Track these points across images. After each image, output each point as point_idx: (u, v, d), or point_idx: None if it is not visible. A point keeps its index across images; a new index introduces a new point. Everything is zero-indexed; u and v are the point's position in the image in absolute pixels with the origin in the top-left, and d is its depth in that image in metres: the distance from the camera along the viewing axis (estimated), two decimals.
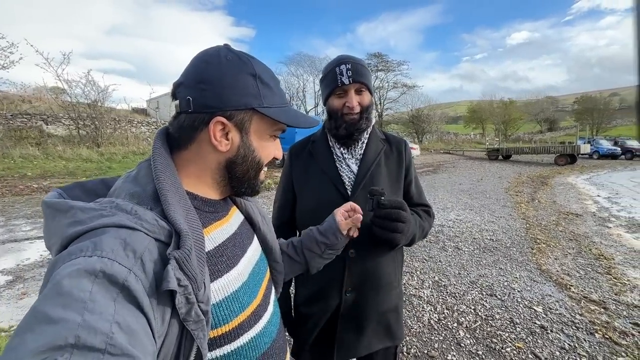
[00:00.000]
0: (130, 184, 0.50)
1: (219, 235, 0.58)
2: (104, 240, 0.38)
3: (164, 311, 0.41)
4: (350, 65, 1.00)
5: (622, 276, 3.61)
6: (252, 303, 0.58)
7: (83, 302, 0.33)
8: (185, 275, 0.42)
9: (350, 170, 1.08)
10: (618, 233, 5.42)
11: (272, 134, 0.60)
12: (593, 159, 23.72)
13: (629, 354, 2.24)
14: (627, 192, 9.72)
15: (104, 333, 0.32)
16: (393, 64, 30.17)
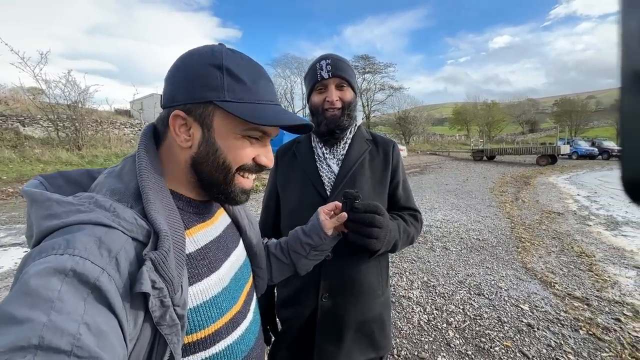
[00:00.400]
0: (113, 179, 0.48)
1: (203, 237, 0.56)
2: (78, 238, 0.37)
3: (137, 314, 0.39)
4: (330, 60, 0.99)
5: (603, 273, 3.71)
6: (231, 309, 0.56)
7: (50, 302, 0.31)
8: (161, 277, 0.40)
9: (331, 170, 1.04)
10: (598, 231, 5.59)
11: (242, 133, 0.52)
12: (572, 159, 24.59)
13: (612, 350, 2.29)
14: (605, 191, 10.08)
15: (70, 334, 0.31)
16: (380, 66, 30.52)
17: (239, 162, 0.53)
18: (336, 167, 1.05)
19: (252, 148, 0.54)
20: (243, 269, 0.65)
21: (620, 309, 2.89)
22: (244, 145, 0.53)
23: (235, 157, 0.52)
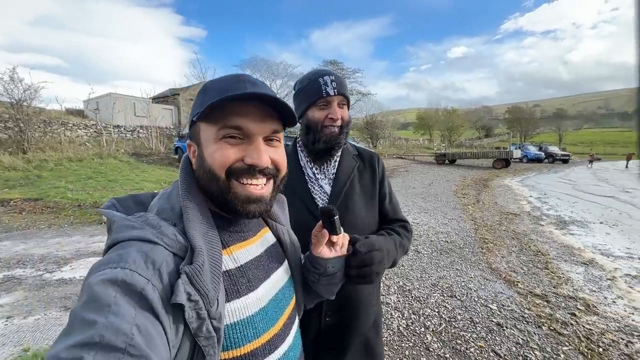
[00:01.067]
0: (163, 200, 0.55)
1: (242, 255, 0.57)
2: (129, 253, 0.43)
3: (178, 323, 0.43)
4: (334, 77, 0.98)
5: (557, 270, 4.05)
6: (268, 331, 0.56)
7: (108, 306, 0.37)
8: (196, 290, 0.43)
9: (323, 191, 1.02)
10: (550, 230, 6.11)
11: (217, 137, 0.52)
12: (523, 163, 26.71)
13: (571, 343, 2.50)
14: (553, 193, 11.06)
15: (125, 334, 0.36)
16: (348, 72, 31.06)
17: (221, 165, 0.52)
18: (328, 187, 1.03)
19: (235, 149, 0.53)
20: (285, 291, 0.64)
21: (574, 303, 3.17)
22: (222, 148, 0.52)
23: (215, 161, 0.52)
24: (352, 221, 1.00)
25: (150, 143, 16.07)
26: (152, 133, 16.68)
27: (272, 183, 0.58)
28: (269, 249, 0.65)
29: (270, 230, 0.69)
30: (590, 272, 4.02)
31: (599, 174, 18.42)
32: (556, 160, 28.33)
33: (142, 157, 13.86)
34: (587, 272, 4.04)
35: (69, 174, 8.97)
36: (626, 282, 3.76)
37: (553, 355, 2.34)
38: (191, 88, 23.84)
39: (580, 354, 2.37)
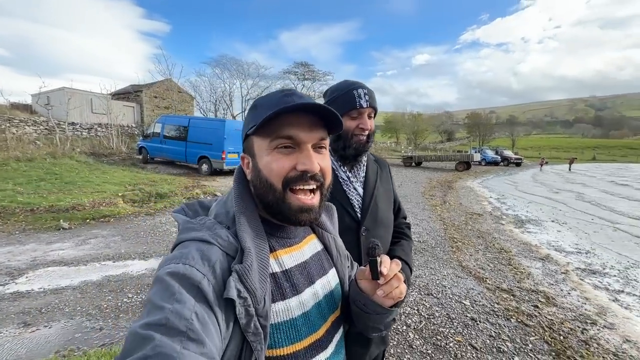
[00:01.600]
0: (220, 206, 0.61)
1: (288, 260, 0.61)
2: (190, 251, 0.49)
3: (229, 317, 0.47)
4: (367, 90, 1.07)
5: (519, 266, 4.40)
6: (310, 336, 0.58)
7: (173, 295, 0.42)
8: (245, 287, 0.47)
9: (357, 192, 1.11)
10: (510, 229, 6.60)
11: (270, 148, 0.56)
12: (482, 165, 28.50)
13: (536, 333, 2.73)
14: (510, 194, 11.94)
15: (186, 319, 0.41)
16: (319, 74, 31.31)
17: (277, 175, 0.56)
18: (360, 189, 1.12)
19: (288, 158, 0.56)
20: (329, 299, 0.65)
21: (536, 296, 3.46)
22: (276, 158, 0.56)
23: (271, 172, 0.56)
24: (380, 218, 1.12)
25: (110, 142, 15.04)
26: (112, 132, 15.62)
27: (319, 193, 0.60)
28: (315, 256, 0.67)
29: (317, 237, 0.71)
30: (547, 267, 4.40)
31: (546, 177, 20.20)
32: (510, 164, 30.61)
33: (101, 157, 12.93)
34: (545, 267, 4.42)
35: (17, 175, 8.13)
36: (577, 275, 4.18)
37: (522, 345, 2.55)
38: (155, 85, 22.65)
39: (545, 342, 2.59)
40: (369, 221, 1.07)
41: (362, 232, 1.06)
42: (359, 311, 0.64)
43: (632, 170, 30.00)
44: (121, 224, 5.73)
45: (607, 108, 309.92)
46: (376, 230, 1.09)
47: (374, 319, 0.63)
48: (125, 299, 3.04)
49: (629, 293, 3.72)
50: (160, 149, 13.10)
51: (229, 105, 27.30)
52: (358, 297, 0.63)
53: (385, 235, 1.15)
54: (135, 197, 7.30)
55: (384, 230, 1.13)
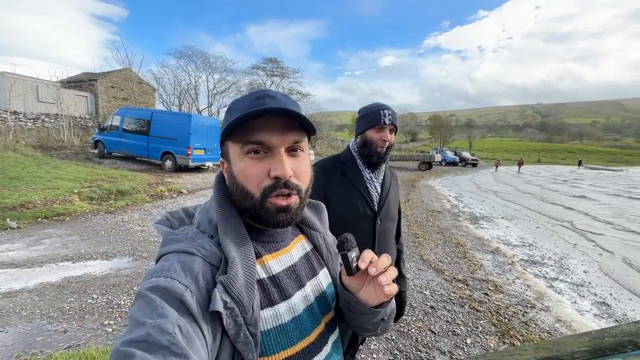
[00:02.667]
0: (202, 215, 0.60)
1: (275, 265, 0.59)
2: (171, 264, 0.48)
3: (215, 329, 0.47)
4: (391, 112, 1.34)
5: (473, 258, 4.83)
6: (302, 340, 0.57)
7: (155, 309, 0.42)
8: (231, 298, 0.47)
9: (376, 190, 1.39)
10: (466, 225, 7.16)
11: (242, 153, 0.55)
12: (442, 166, 30.18)
13: (486, 317, 3.07)
14: (466, 192, 12.85)
15: (168, 333, 0.40)
16: (288, 71, 31.14)
17: (252, 182, 0.54)
18: (379, 187, 1.40)
19: (261, 164, 0.54)
20: (321, 300, 0.64)
21: (487, 285, 3.85)
22: (249, 165, 0.54)
23: (246, 179, 0.55)
24: (390, 213, 1.41)
25: (61, 135, 13.86)
26: (63, 123, 14.40)
27: (297, 195, 0.57)
28: (304, 258, 0.66)
29: (306, 238, 0.70)
30: (497, 259, 4.89)
31: (499, 176, 21.90)
32: (467, 164, 32.75)
33: (50, 150, 11.91)
34: (494, 259, 4.90)
35: None
36: (521, 266, 4.69)
37: (473, 328, 2.86)
38: (112, 74, 21.14)
39: (492, 325, 2.93)
40: (383, 214, 1.36)
41: (377, 221, 1.35)
42: (345, 310, 0.62)
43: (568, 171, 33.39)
44: (78, 222, 5.40)
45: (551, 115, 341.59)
46: (386, 222, 1.39)
47: (360, 319, 0.60)
48: (90, 300, 2.93)
49: (562, 280, 4.27)
50: (119, 143, 12.33)
51: (194, 99, 26.27)
52: (343, 295, 0.61)
53: (392, 227, 1.45)
54: (93, 195, 6.87)
55: (392, 223, 1.44)
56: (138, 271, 3.60)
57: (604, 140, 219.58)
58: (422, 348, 2.54)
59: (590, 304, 3.61)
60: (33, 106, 15.96)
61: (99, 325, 2.55)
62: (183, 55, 25.94)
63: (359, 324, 0.62)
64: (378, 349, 2.51)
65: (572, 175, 27.00)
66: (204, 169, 12.86)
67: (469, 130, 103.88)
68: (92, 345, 2.30)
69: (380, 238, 1.36)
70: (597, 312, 3.44)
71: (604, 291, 3.99)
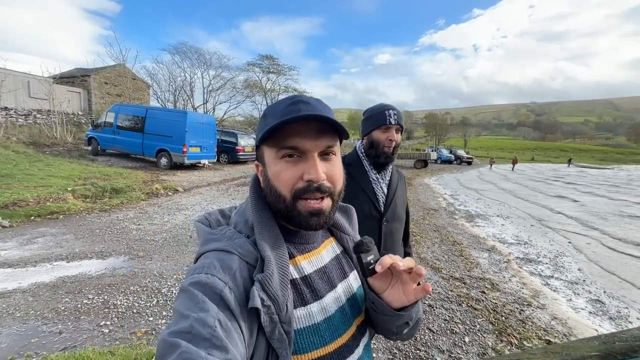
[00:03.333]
0: (239, 216, 0.63)
1: (307, 266, 0.61)
2: (211, 261, 0.51)
3: (252, 325, 0.49)
4: (396, 112, 1.33)
5: (470, 256, 4.86)
6: (335, 341, 0.58)
7: (197, 303, 0.45)
8: (267, 296, 0.49)
9: (383, 191, 1.38)
10: (462, 223, 7.20)
11: (277, 157, 0.57)
12: (437, 164, 30.34)
13: (483, 315, 3.10)
14: (462, 190, 12.93)
15: (210, 326, 0.42)
16: (284, 68, 31.00)
17: (285, 185, 0.56)
18: (385, 188, 1.39)
19: (295, 168, 0.56)
20: (353, 302, 0.64)
21: (483, 283, 3.88)
22: (283, 168, 0.57)
23: (279, 182, 0.57)
24: (397, 214, 1.41)
25: (54, 131, 13.64)
26: (55, 119, 14.17)
27: (329, 197, 0.59)
28: (334, 259, 0.67)
29: (336, 240, 0.71)
30: (493, 257, 4.92)
31: (494, 175, 22.08)
32: (463, 162, 32.94)
33: (43, 147, 11.70)
34: (490, 257, 4.94)
35: None
36: (517, 264, 4.73)
37: (471, 327, 2.88)
38: (106, 70, 20.85)
39: (490, 323, 2.95)
40: (389, 214, 1.36)
41: (383, 222, 1.35)
42: (371, 310, 0.63)
43: (564, 171, 33.79)
44: (72, 221, 5.32)
45: (544, 113, 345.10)
46: (393, 223, 1.39)
47: (384, 320, 0.61)
48: (86, 300, 2.89)
49: (557, 278, 4.32)
50: (113, 140, 12.17)
51: (189, 96, 26.02)
52: (368, 295, 0.62)
53: (399, 227, 1.45)
54: (87, 192, 6.78)
55: (398, 223, 1.43)
56: (134, 270, 3.56)
57: (596, 139, 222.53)
58: (421, 347, 2.55)
59: (585, 302, 3.66)
60: (24, 102, 15.69)
61: (95, 326, 2.51)
62: (178, 51, 25.69)
63: (383, 325, 0.63)
64: (377, 347, 2.51)
65: (558, 173, 27.29)
66: (199, 166, 12.76)
67: (464, 129, 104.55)
68: (89, 346, 2.27)
69: (387, 239, 1.36)
70: (591, 309, 3.48)
71: (598, 289, 4.04)
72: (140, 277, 3.41)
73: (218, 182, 10.36)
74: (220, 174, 12.18)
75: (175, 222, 5.57)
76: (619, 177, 25.87)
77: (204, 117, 13.14)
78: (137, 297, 3.01)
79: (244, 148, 15.27)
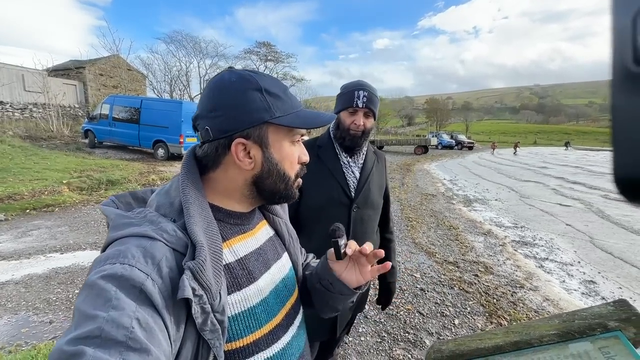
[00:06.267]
0: (161, 196, 0.55)
1: (242, 248, 0.58)
2: (128, 249, 0.43)
3: (179, 317, 0.44)
4: (367, 93, 1.21)
5: (465, 240, 4.85)
6: (270, 321, 0.58)
7: (109, 301, 0.38)
8: (199, 285, 0.44)
9: (354, 176, 1.29)
10: (459, 208, 7.17)
11: (291, 140, 0.59)
12: (438, 149, 30.10)
13: (474, 298, 3.10)
14: (462, 176, 12.86)
15: (125, 327, 0.36)
16: (282, 56, 30.47)
17: (294, 166, 0.60)
18: (357, 173, 1.30)
19: (297, 151, 0.61)
20: (286, 282, 0.66)
21: (477, 267, 3.87)
22: (293, 151, 0.60)
23: (290, 165, 0.59)
24: (371, 200, 1.31)
25: (50, 124, 13.58)
26: (51, 112, 14.09)
27: None
28: (268, 241, 0.66)
29: (268, 223, 0.70)
30: (488, 241, 4.91)
31: (495, 159, 21.94)
32: (464, 147, 32.69)
33: (40, 141, 11.67)
34: (486, 240, 4.93)
35: None
36: (512, 247, 4.72)
37: (462, 309, 2.88)
38: (100, 61, 20.61)
39: (481, 305, 2.95)
40: (360, 200, 1.27)
41: (353, 209, 1.26)
42: (323, 290, 0.66)
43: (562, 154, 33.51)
44: (68, 213, 5.33)
45: (548, 96, 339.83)
46: (365, 209, 1.30)
47: (337, 299, 0.66)
48: (77, 290, 2.91)
49: (552, 260, 4.31)
50: (110, 132, 12.11)
51: (185, 85, 25.74)
52: (326, 276, 0.66)
53: (374, 215, 1.36)
54: (83, 185, 6.78)
55: (372, 211, 1.34)
56: None
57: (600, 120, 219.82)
58: (410, 330, 2.55)
59: (579, 283, 3.65)
60: (20, 96, 15.60)
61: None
62: (173, 40, 25.24)
63: (332, 303, 0.69)
64: (366, 331, 2.52)
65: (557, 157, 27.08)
66: None
67: (466, 113, 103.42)
68: None
69: (357, 226, 1.27)
70: (584, 290, 3.48)
71: (592, 270, 4.03)
72: None
73: None
74: None
75: None
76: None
77: None
78: None
79: None
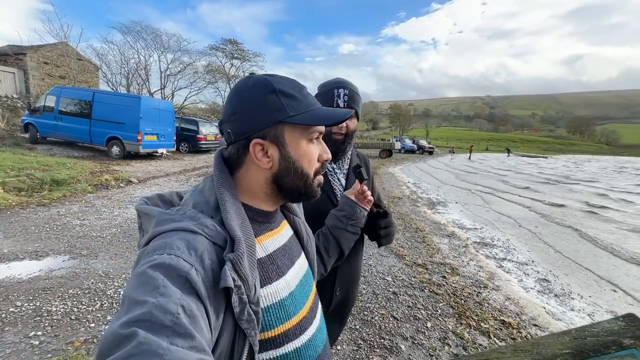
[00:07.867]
0: (197, 195, 0.58)
1: (270, 244, 0.62)
2: (173, 241, 0.46)
3: (219, 307, 0.46)
4: (348, 91, 1.12)
5: (432, 242, 5.02)
6: (297, 314, 0.61)
7: (157, 288, 0.40)
8: (238, 276, 0.47)
9: (340, 183, 1.22)
10: (424, 210, 7.44)
11: (308, 138, 0.61)
12: (401, 153, 31.33)
13: (444, 300, 3.18)
14: (424, 179, 13.42)
15: (172, 313, 0.38)
16: (249, 54, 29.74)
17: (313, 163, 0.62)
18: (343, 180, 1.23)
19: (316, 149, 0.62)
20: (307, 277, 0.70)
21: (444, 268, 4.00)
22: (311, 149, 0.61)
23: (309, 162, 0.61)
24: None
25: None
26: None
27: None
28: (291, 239, 0.70)
29: (289, 223, 0.74)
30: (452, 242, 5.12)
31: (454, 164, 23.25)
32: (425, 152, 34.34)
33: None
34: (450, 242, 5.13)
35: None
36: (474, 248, 4.96)
37: (433, 312, 2.94)
38: (45, 48, 18.61)
39: (450, 307, 3.04)
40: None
41: None
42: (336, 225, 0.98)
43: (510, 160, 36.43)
44: (2, 217, 4.68)
45: (497, 106, 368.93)
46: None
47: (347, 230, 0.97)
48: (12, 308, 2.52)
49: (510, 260, 4.59)
50: (55, 127, 10.95)
51: (145, 80, 24.07)
52: (344, 206, 0.99)
53: None
54: (22, 185, 6.01)
55: None
56: (75, 271, 3.19)
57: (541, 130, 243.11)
58: (385, 335, 2.54)
59: (534, 281, 3.92)
60: None
61: (22, 338, 2.18)
62: (130, 31, 23.39)
63: (341, 239, 0.98)
64: (342, 339, 2.46)
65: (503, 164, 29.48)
66: (157, 156, 11.95)
67: (426, 120, 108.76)
68: None
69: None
70: (540, 288, 3.74)
71: (544, 268, 4.35)
72: (82, 279, 3.06)
73: (177, 173, 9.76)
74: (180, 163, 11.51)
75: (127, 216, 5.12)
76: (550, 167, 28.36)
77: (160, 103, 12.24)
78: (77, 301, 2.69)
79: (206, 136, 14.56)
